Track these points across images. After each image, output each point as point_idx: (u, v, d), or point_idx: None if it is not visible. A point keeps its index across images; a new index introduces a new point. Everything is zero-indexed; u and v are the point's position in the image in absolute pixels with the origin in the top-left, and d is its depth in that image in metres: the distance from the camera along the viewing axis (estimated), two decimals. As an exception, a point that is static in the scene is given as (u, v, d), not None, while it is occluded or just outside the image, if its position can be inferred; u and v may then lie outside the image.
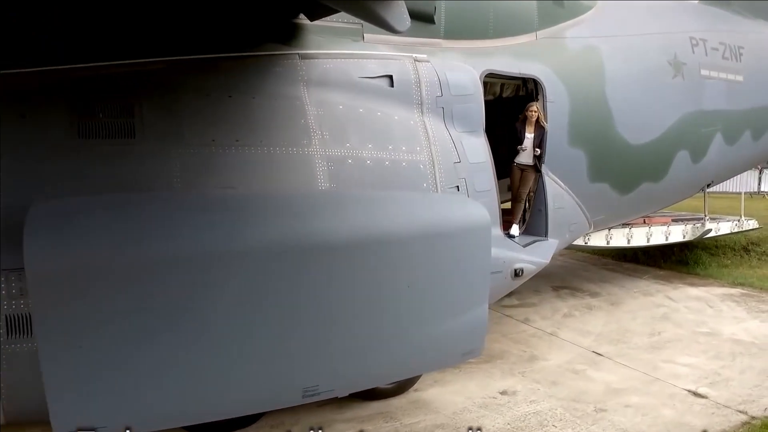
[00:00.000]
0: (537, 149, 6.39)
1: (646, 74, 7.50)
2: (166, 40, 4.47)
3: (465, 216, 4.57)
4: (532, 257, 5.77)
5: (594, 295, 8.79)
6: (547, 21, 6.76)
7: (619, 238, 8.53)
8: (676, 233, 9.24)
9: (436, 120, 5.60)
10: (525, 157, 6.50)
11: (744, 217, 10.37)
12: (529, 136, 6.44)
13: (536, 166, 6.49)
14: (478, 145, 5.85)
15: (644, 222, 9.00)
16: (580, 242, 7.96)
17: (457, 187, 5.53)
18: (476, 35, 6.20)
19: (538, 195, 6.62)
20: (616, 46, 7.27)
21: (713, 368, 5.71)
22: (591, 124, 6.92)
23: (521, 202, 6.56)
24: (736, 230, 10.20)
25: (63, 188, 3.73)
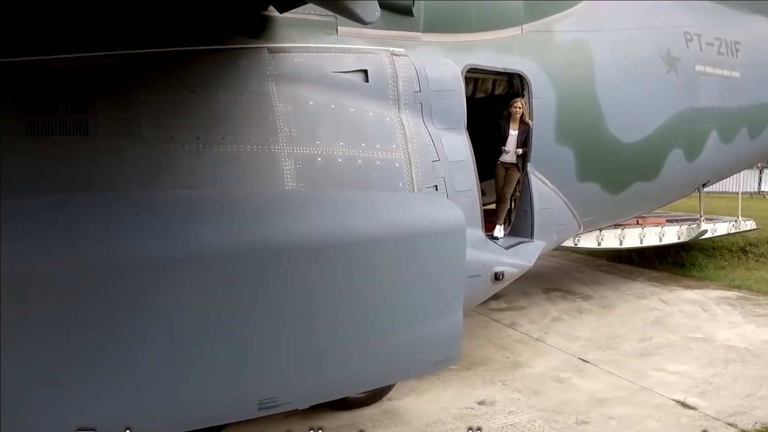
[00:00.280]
0: (520, 148, 6.14)
1: (638, 70, 7.24)
2: (125, 32, 4.25)
3: (438, 217, 4.33)
4: (514, 260, 5.52)
5: (586, 297, 8.54)
6: (533, 14, 6.51)
7: (611, 239, 8.27)
8: (670, 234, 8.97)
9: (414, 116, 5.36)
10: (509, 156, 6.26)
11: (741, 218, 10.10)
12: (513, 133, 6.20)
13: (520, 165, 6.25)
14: (458, 143, 5.61)
15: (637, 223, 8.74)
16: (569, 243, 7.70)
17: (436, 186, 5.30)
18: (458, 28, 5.96)
19: (524, 195, 6.38)
20: (607, 40, 7.01)
21: (704, 376, 5.45)
22: (579, 121, 6.68)
23: (506, 203, 6.31)
24: (733, 231, 9.93)
25: (10, 189, 3.52)
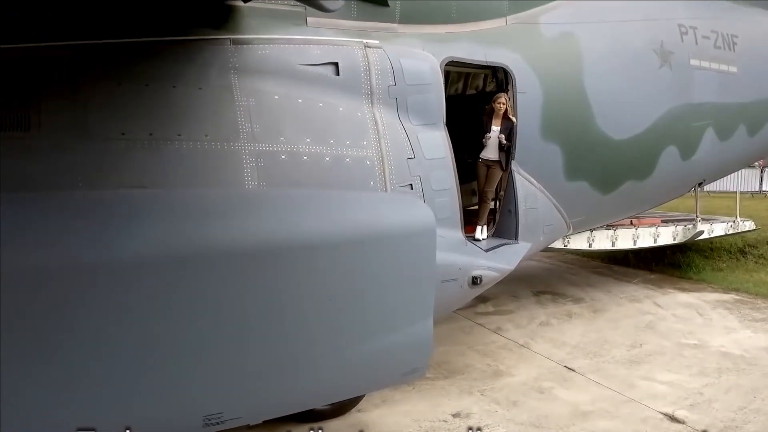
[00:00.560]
0: (504, 141, 5.85)
1: (630, 64, 6.94)
2: (75, 22, 3.98)
3: (406, 218, 4.04)
4: (493, 263, 5.23)
5: (577, 301, 8.23)
6: (518, 5, 6.21)
7: (603, 240, 7.96)
8: (665, 235, 8.65)
9: (388, 111, 5.08)
10: (490, 152, 5.96)
11: (740, 218, 9.77)
12: (495, 129, 5.91)
13: (503, 163, 5.95)
14: (436, 140, 5.33)
15: (631, 223, 8.43)
16: (558, 245, 7.41)
17: (411, 185, 5.02)
18: (437, 19, 5.67)
19: (508, 194, 6.09)
20: (596, 33, 6.71)
21: (696, 387, 5.15)
22: (567, 118, 6.38)
23: (487, 202, 6.02)
24: (731, 232, 9.61)
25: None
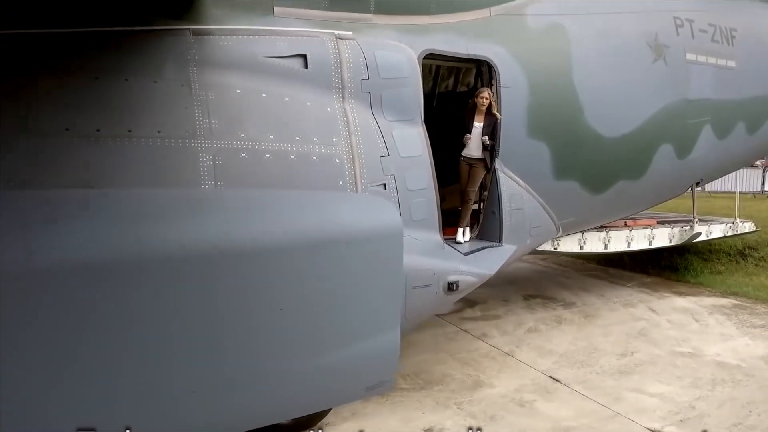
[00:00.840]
0: (488, 141, 5.55)
1: (622, 58, 6.62)
2: (19, 9, 3.70)
3: (370, 220, 3.75)
4: (472, 268, 4.92)
5: (568, 305, 7.92)
6: (503, -5, 5.91)
7: (595, 242, 7.64)
8: (661, 237, 8.33)
9: (361, 107, 4.80)
10: (473, 150, 5.66)
11: (740, 219, 9.43)
12: (478, 125, 5.60)
13: (487, 161, 5.65)
14: (413, 137, 5.04)
15: (625, 224, 8.11)
16: (548, 247, 7.10)
17: (384, 185, 4.73)
18: (415, 10, 5.37)
19: (491, 194, 5.78)
20: (586, 25, 6.39)
21: (687, 400, 4.83)
22: (555, 114, 6.07)
23: (469, 203, 5.71)
24: (730, 234, 9.27)
25: None
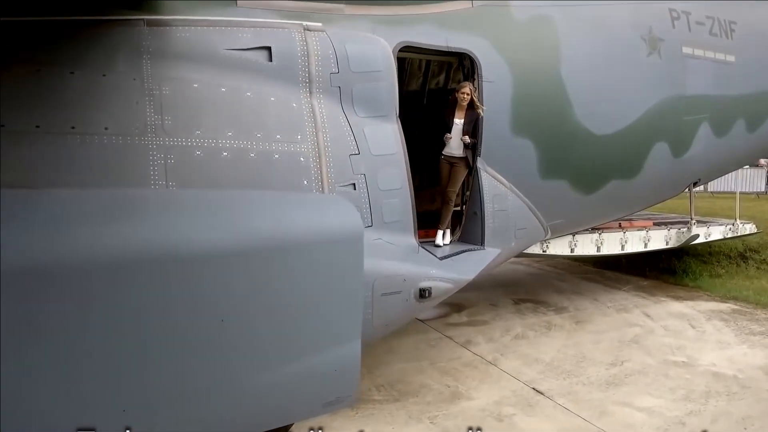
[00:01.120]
0: (468, 139, 5.26)
1: (614, 51, 6.31)
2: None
3: (328, 222, 3.46)
4: (446, 273, 4.62)
5: (560, 310, 7.60)
6: (487, -14, 5.61)
7: (587, 245, 7.32)
8: (656, 239, 7.99)
9: (330, 102, 4.53)
10: (454, 148, 5.37)
11: (740, 221, 9.08)
12: (458, 122, 5.31)
13: (469, 160, 5.36)
14: (386, 134, 4.77)
15: (620, 226, 7.79)
16: (536, 250, 6.79)
17: (354, 184, 4.46)
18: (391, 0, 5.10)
19: (473, 195, 5.50)
20: (576, 17, 6.09)
21: (678, 415, 4.51)
22: (541, 110, 5.77)
23: (450, 204, 5.41)
24: (730, 235, 8.92)
25: None
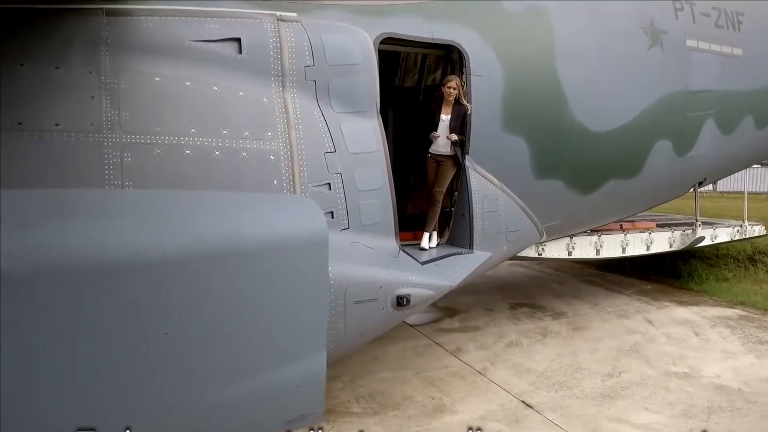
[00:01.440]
0: (456, 136, 4.97)
1: (613, 44, 6.00)
2: None
3: (289, 225, 3.18)
4: (428, 279, 4.32)
5: (557, 315, 7.29)
6: (477, -26, 5.32)
7: (585, 247, 6.99)
8: (660, 242, 7.64)
9: (304, 97, 4.29)
10: (440, 146, 5.08)
11: (749, 222, 8.70)
12: (445, 118, 5.04)
13: (457, 157, 5.07)
14: (365, 131, 4.52)
15: (621, 228, 7.45)
16: (531, 253, 6.48)
17: (329, 184, 4.21)
18: (373, -11, 4.82)
19: (461, 195, 5.21)
20: (572, 7, 5.78)
21: (677, 432, 4.21)
22: (534, 105, 5.48)
23: (437, 204, 5.12)
24: (737, 238, 8.54)
25: None
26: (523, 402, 4.70)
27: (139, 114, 3.68)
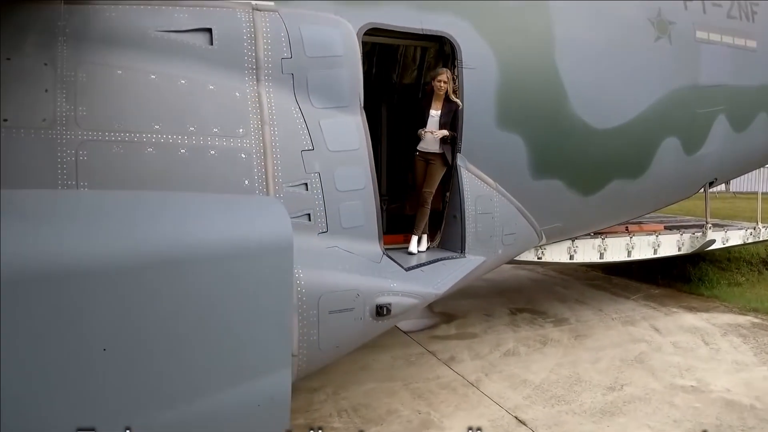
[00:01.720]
0: (447, 132, 4.68)
1: (617, 36, 5.67)
2: None
3: (250, 229, 2.90)
4: (411, 286, 4.02)
5: (559, 322, 6.95)
6: (471, -38, 5.01)
7: (588, 250, 6.64)
8: (668, 245, 7.26)
9: (280, 91, 4.03)
10: (429, 143, 4.79)
11: (762, 224, 8.28)
12: (434, 113, 4.75)
13: (447, 156, 4.77)
14: (347, 127, 4.24)
15: (627, 230, 7.10)
16: (530, 257, 6.15)
17: (306, 184, 3.93)
18: (357, -24, 4.53)
19: (453, 196, 4.92)
20: (573, -3, 5.44)
21: (681, 454, 3.88)
22: (532, 101, 5.17)
23: (425, 206, 4.83)
24: (750, 241, 8.13)
25: None
26: (515, 418, 4.38)
27: (97, 109, 3.44)
